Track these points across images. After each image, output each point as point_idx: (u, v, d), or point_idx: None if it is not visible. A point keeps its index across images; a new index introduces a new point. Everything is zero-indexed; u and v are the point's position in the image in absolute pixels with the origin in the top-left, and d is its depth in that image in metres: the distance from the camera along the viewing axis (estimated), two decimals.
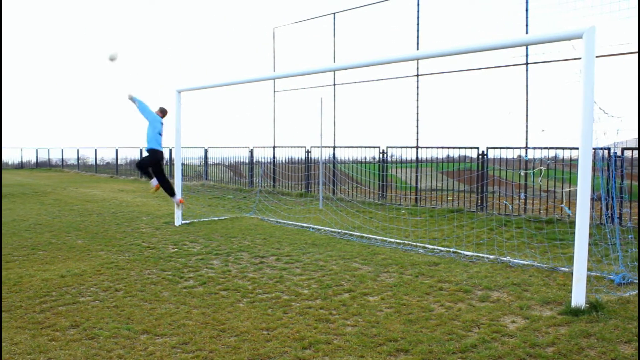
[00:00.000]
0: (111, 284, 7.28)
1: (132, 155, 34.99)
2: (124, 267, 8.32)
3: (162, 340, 5.24)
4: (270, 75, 13.94)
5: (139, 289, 7.04)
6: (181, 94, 12.91)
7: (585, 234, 6.17)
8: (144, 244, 10.27)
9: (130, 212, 15.22)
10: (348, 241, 10.62)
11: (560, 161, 13.69)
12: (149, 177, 12.06)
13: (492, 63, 15.23)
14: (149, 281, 7.47)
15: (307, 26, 21.36)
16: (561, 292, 6.86)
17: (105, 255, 9.23)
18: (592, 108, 6.13)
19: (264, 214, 14.52)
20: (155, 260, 8.81)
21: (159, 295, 6.79)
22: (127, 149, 35.19)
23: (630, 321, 5.71)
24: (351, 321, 5.78)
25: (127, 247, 9.99)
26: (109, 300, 6.56)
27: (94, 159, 39.03)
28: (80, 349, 5.00)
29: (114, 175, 33.97)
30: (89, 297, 6.71)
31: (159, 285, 7.28)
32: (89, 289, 7.04)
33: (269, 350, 4.95)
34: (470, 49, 7.88)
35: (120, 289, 7.08)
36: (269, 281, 7.50)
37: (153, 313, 6.05)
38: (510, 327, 5.59)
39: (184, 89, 12.83)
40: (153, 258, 9.00)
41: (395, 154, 17.59)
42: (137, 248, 9.89)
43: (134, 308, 6.23)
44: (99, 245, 10.07)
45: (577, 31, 6.19)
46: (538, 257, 8.80)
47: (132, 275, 7.79)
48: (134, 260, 8.79)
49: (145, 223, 13.06)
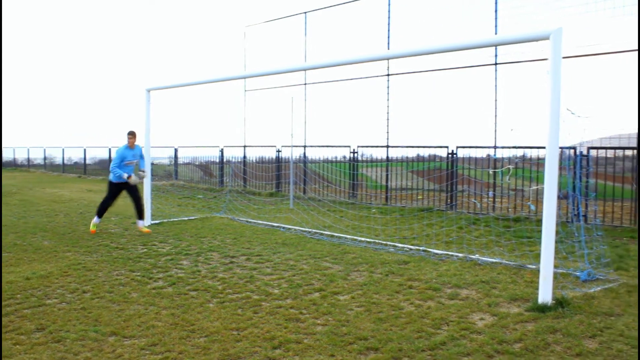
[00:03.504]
0: (78, 286, 7.17)
1: (100, 155, 34.51)
2: (91, 268, 8.20)
3: (130, 342, 5.18)
4: (241, 75, 13.91)
5: (107, 291, 6.95)
6: (151, 92, 12.77)
7: (551, 232, 6.27)
8: (112, 245, 10.15)
9: None
10: (318, 240, 10.64)
11: (528, 160, 13.90)
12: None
13: (462, 63, 15.38)
14: (118, 282, 7.38)
15: (278, 25, 21.33)
16: (528, 289, 6.97)
17: (73, 256, 9.09)
18: (559, 108, 6.22)
19: (234, 214, 14.46)
20: (124, 261, 8.70)
21: (127, 296, 6.71)
22: (95, 149, 34.73)
23: (594, 316, 5.82)
24: (321, 320, 5.78)
25: (95, 247, 9.86)
26: (76, 302, 6.46)
27: (61, 159, 38.39)
28: (45, 352, 4.92)
29: (82, 175, 33.51)
30: (55, 299, 6.60)
31: (128, 286, 7.20)
32: (55, 291, 6.93)
33: (239, 351, 4.93)
34: (439, 49, 7.95)
35: (87, 290, 6.98)
36: (239, 281, 7.47)
37: (121, 314, 5.97)
38: (478, 324, 5.65)
39: (153, 87, 12.69)
40: (122, 259, 8.89)
41: (365, 153, 17.68)
42: (105, 249, 9.77)
43: (102, 310, 6.15)
44: (66, 247, 9.92)
45: (544, 32, 6.27)
46: (506, 255, 8.92)
47: (100, 277, 7.68)
48: (102, 261, 8.68)
49: (114, 223, 12.90)
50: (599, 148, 12.71)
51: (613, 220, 12.22)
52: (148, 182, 12.90)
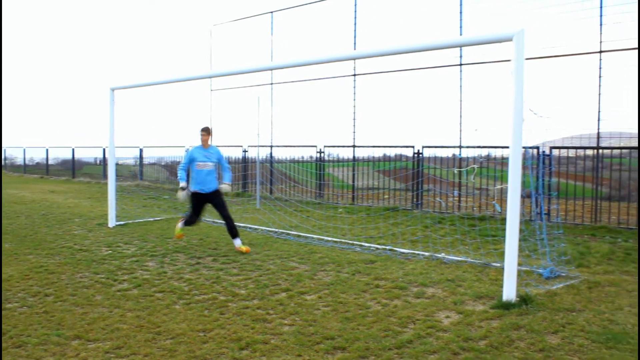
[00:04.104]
0: (40, 289, 7.03)
1: (63, 155, 33.90)
2: (54, 271, 8.05)
3: (94, 345, 5.10)
4: (207, 74, 13.79)
5: (70, 294, 6.83)
6: (115, 92, 12.58)
7: (515, 231, 6.37)
8: (75, 247, 9.97)
9: (61, 213, 14.76)
10: (285, 240, 10.63)
11: (492, 160, 14.11)
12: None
13: (428, 64, 15.53)
14: (81, 285, 7.26)
15: (245, 25, 21.23)
16: (493, 286, 7.07)
17: (34, 259, 8.90)
18: (522, 108, 6.32)
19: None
20: (87, 263, 8.56)
21: (91, 299, 6.61)
22: (58, 149, 34.05)
23: (557, 313, 5.94)
24: (288, 320, 5.78)
25: (57, 250, 9.68)
26: (37, 305, 6.34)
27: (22, 159, 37.55)
28: (6, 358, 4.81)
29: (44, 176, 32.87)
30: (16, 303, 6.45)
31: (92, 288, 7.09)
32: (16, 295, 6.78)
33: (206, 352, 4.90)
34: (404, 49, 8.02)
35: (50, 293, 6.85)
36: (205, 282, 7.42)
37: (85, 318, 5.88)
38: (444, 322, 5.72)
39: (117, 87, 12.50)
40: (85, 261, 8.75)
41: (332, 153, 17.73)
42: (68, 251, 9.59)
43: (65, 313, 6.04)
44: (28, 249, 9.71)
45: (507, 34, 6.36)
46: (471, 254, 9.04)
47: (63, 279, 7.55)
48: (65, 264, 8.53)
49: (77, 225, 12.68)
50: (560, 148, 12.97)
51: (574, 219, 12.48)
52: (112, 183, 12.71)
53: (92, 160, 33.50)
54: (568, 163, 13.12)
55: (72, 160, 31.74)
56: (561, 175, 13.61)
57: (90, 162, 33.55)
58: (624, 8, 12.22)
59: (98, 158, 31.74)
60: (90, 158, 33.46)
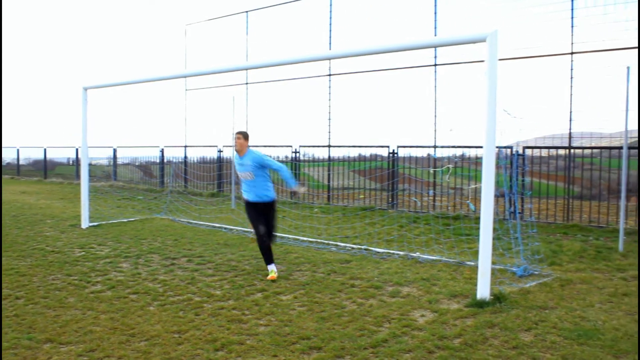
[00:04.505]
0: (11, 292, 6.92)
1: (35, 155, 33.38)
2: (25, 273, 7.92)
3: (67, 348, 5.03)
4: (182, 73, 13.68)
5: (42, 296, 6.73)
6: (87, 91, 12.42)
7: (489, 229, 6.43)
8: (47, 248, 9.83)
9: (33, 214, 14.54)
10: None
11: (466, 159, 14.24)
12: None
13: (403, 64, 15.61)
14: (53, 287, 7.15)
15: (220, 24, 21.13)
16: (467, 285, 7.14)
17: (5, 261, 8.75)
18: (496, 109, 6.39)
19: (175, 215, 14.25)
20: (60, 265, 8.44)
21: (64, 301, 6.52)
22: (29, 149, 33.51)
23: (530, 310, 6.02)
24: (264, 321, 5.77)
25: (29, 252, 9.52)
26: (8, 309, 6.22)
27: None
28: None
29: (15, 177, 32.33)
30: None
31: (64, 291, 6.99)
32: None
33: (181, 354, 4.86)
34: (379, 49, 8.06)
35: (21, 296, 6.73)
36: (180, 283, 7.37)
37: (57, 320, 5.79)
38: (419, 321, 5.75)
39: (90, 86, 12.34)
40: (58, 262, 8.62)
41: (307, 152, 17.73)
42: (40, 252, 9.45)
43: (37, 316, 5.95)
44: None
45: (480, 35, 6.42)
46: (446, 253, 9.11)
47: (35, 282, 7.43)
48: (37, 266, 8.40)
49: (49, 226, 12.50)
50: (533, 147, 13.13)
51: (547, 217, 12.65)
52: (85, 183, 12.55)
53: (64, 161, 33.03)
54: (541, 163, 13.29)
55: (44, 161, 31.28)
56: (534, 174, 13.79)
57: (62, 163, 33.08)
58: (594, 10, 12.43)
59: (71, 158, 31.32)
60: (63, 158, 33.00)
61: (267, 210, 8.11)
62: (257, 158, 8.25)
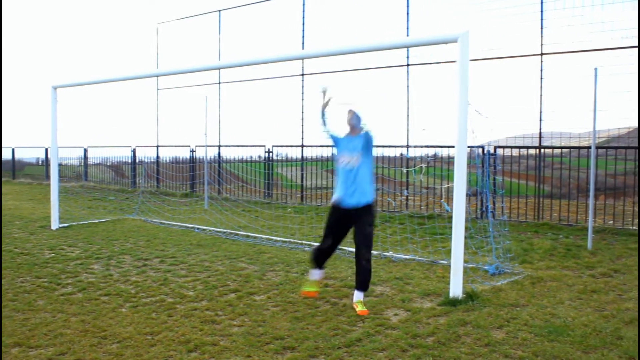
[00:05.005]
0: None
1: (2, 155, 32.72)
2: None
3: (36, 352, 4.95)
4: (153, 73, 13.55)
5: (10, 299, 6.61)
6: (57, 90, 12.23)
7: (461, 228, 6.49)
8: (16, 250, 9.65)
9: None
10: (234, 241, 10.56)
11: (439, 159, 14.36)
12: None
13: (375, 64, 15.68)
14: (22, 290, 7.03)
15: (192, 23, 20.97)
16: (440, 284, 7.20)
17: None
18: (467, 109, 6.45)
19: (147, 215, 14.11)
20: (29, 267, 8.30)
21: (33, 304, 6.41)
22: None
23: (501, 308, 6.09)
24: (238, 321, 5.74)
25: None
26: None
27: None
28: None
29: None
30: None
31: (34, 293, 6.87)
32: None
33: (153, 355, 4.82)
34: (351, 49, 8.08)
35: None
36: (152, 284, 7.30)
37: (26, 324, 5.69)
38: (393, 320, 5.78)
39: (60, 85, 12.15)
40: (27, 265, 8.47)
41: (280, 152, 17.71)
42: (8, 254, 9.27)
43: (5, 319, 5.83)
44: None
45: (452, 35, 6.47)
46: (419, 252, 9.17)
47: (3, 285, 7.28)
48: (5, 268, 8.23)
49: (18, 228, 12.28)
50: (505, 147, 13.29)
51: (518, 216, 12.82)
52: (55, 184, 12.36)
53: (33, 161, 32.50)
54: (512, 162, 13.45)
55: (13, 161, 30.72)
56: (505, 173, 13.96)
57: (31, 163, 32.55)
58: (563, 13, 12.63)
59: (40, 158, 30.81)
60: (32, 158, 32.45)
61: (361, 216, 6.19)
62: (370, 139, 6.35)
